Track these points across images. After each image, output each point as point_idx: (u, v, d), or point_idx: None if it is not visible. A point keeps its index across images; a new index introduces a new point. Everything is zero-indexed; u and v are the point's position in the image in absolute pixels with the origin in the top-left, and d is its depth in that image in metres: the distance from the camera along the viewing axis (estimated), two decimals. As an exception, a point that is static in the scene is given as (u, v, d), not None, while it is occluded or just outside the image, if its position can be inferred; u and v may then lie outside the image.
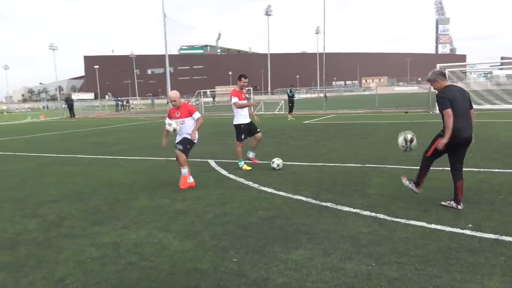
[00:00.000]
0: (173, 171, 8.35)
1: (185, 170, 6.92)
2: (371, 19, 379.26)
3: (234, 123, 8.60)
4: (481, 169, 7.39)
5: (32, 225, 5.29)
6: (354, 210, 5.26)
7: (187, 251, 4.17)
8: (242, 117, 8.52)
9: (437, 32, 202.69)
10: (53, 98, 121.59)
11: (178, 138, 7.06)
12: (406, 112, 24.16)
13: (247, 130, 8.61)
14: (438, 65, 23.88)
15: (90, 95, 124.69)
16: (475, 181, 6.55)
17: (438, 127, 5.59)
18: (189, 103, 7.46)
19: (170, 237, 4.60)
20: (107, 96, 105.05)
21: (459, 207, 5.13)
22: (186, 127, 6.97)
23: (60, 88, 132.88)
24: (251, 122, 8.69)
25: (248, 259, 3.89)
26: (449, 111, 4.91)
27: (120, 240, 4.57)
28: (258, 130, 8.81)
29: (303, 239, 4.34)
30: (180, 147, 6.87)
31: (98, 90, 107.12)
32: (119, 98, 56.44)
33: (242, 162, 8.49)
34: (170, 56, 66.48)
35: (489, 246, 3.93)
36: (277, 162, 8.22)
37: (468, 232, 4.34)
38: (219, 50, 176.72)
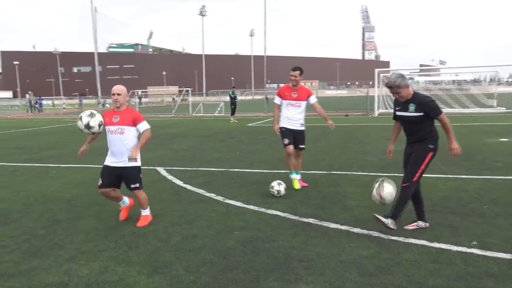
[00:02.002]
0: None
1: (145, 211, 5.14)
2: (300, 24, 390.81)
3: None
4: (449, 176, 7.21)
5: None
6: (343, 228, 4.68)
7: (160, 291, 3.30)
8: (284, 119, 6.66)
9: (363, 39, 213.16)
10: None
11: (113, 160, 4.96)
12: (347, 115, 24.50)
13: (291, 136, 6.60)
14: (376, 70, 24.53)
15: (8, 94, 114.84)
16: (449, 189, 6.30)
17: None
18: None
19: (133, 272, 3.69)
20: (27, 95, 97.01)
21: (427, 224, 4.65)
22: (125, 139, 4.87)
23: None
24: (300, 131, 6.69)
25: (243, 300, 3.13)
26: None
27: (68, 279, 3.57)
28: (300, 145, 6.72)
29: (299, 268, 3.66)
30: (136, 185, 4.98)
31: (18, 88, 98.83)
32: (40, 98, 52.11)
33: (293, 175, 6.74)
34: (98, 54, 62.75)
35: (510, 269, 3.51)
36: (277, 188, 6.13)
37: (477, 251, 3.92)
38: (150, 50, 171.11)
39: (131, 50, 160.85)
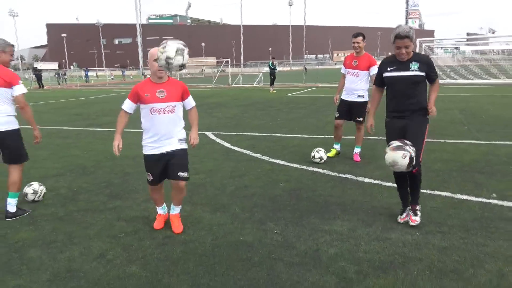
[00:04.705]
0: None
1: (179, 208, 4.08)
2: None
3: None
4: (482, 141, 7.59)
5: (45, 199, 5.06)
6: (376, 182, 5.31)
7: (223, 224, 4.09)
8: (345, 89, 6.51)
9: (407, 7, 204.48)
10: (14, 68, 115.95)
11: (157, 146, 3.89)
12: (386, 86, 24.46)
13: (345, 109, 6.49)
14: (418, 40, 24.19)
15: (54, 65, 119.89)
16: (480, 153, 6.71)
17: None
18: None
19: (198, 210, 4.50)
20: (72, 67, 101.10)
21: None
22: (175, 118, 3.88)
23: (22, 58, 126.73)
24: (357, 103, 6.36)
25: (290, 230, 3.86)
26: None
27: (148, 214, 4.43)
28: (358, 118, 6.44)
29: (336, 210, 4.35)
30: (186, 174, 3.88)
31: (66, 60, 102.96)
32: (87, 69, 54.59)
33: (336, 146, 6.85)
34: (139, 25, 64.21)
35: (521, 215, 4.05)
36: (321, 154, 6.33)
37: (495, 201, 4.45)
38: (189, 21, 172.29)
39: (170, 21, 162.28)
